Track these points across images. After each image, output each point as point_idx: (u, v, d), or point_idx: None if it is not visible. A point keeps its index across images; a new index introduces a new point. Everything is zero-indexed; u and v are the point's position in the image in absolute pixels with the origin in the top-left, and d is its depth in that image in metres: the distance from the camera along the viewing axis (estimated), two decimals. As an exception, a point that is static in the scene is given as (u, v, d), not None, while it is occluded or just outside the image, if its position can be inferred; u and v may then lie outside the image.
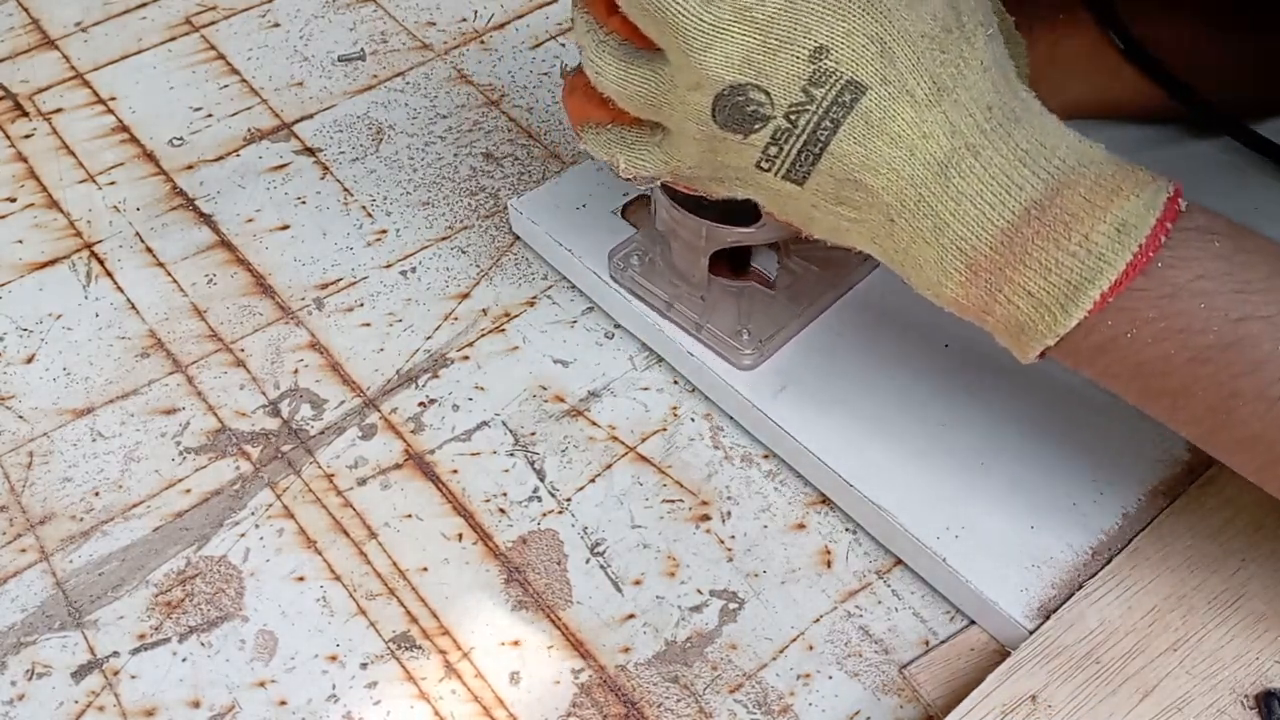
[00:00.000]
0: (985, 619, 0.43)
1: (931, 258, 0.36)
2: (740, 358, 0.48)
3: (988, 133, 0.34)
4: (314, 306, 0.54)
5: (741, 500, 0.47)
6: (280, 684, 0.43)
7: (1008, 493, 0.44)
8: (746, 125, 0.35)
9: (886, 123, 0.34)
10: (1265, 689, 0.39)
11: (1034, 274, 0.34)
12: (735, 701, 0.42)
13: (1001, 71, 0.35)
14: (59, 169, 0.61)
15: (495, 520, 0.47)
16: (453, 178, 0.60)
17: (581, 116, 0.41)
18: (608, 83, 0.38)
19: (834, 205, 0.36)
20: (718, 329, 0.48)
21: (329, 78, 0.66)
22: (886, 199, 0.35)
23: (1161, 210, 0.33)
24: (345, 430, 0.50)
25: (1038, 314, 0.34)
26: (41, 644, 0.44)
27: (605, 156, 0.41)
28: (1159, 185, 0.34)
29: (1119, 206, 0.33)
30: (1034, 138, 0.34)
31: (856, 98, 0.34)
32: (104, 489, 0.48)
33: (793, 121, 0.35)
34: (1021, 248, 0.34)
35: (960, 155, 0.34)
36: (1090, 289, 0.33)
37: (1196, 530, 0.43)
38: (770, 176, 0.37)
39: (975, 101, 0.35)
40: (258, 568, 0.46)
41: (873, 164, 0.35)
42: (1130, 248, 0.33)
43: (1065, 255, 0.33)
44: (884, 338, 0.49)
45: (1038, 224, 0.34)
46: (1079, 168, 0.34)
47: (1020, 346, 0.36)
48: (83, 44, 0.68)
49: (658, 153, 0.39)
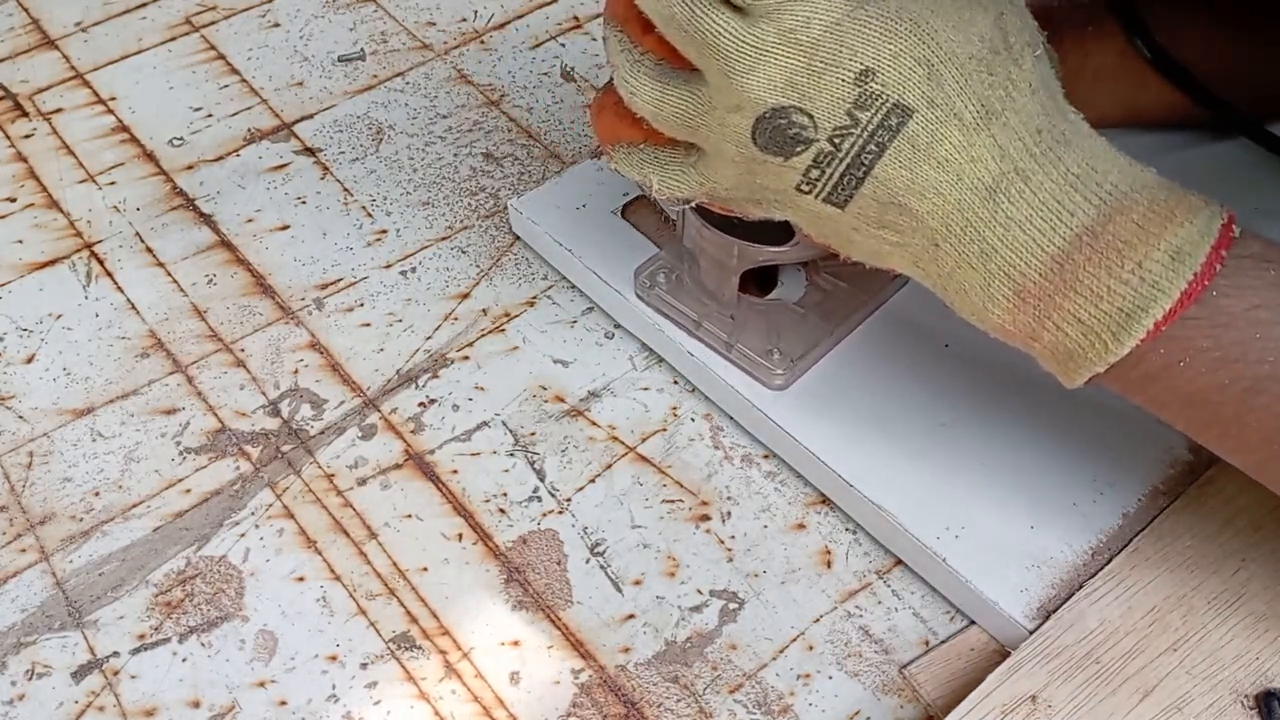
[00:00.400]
0: (985, 619, 0.43)
1: (978, 283, 0.35)
2: (772, 378, 0.47)
3: (1037, 157, 0.34)
4: (314, 306, 0.54)
5: (741, 500, 0.47)
6: (280, 684, 0.43)
7: (1008, 493, 0.44)
8: (788, 148, 0.35)
9: (934, 147, 0.34)
10: (1265, 689, 0.39)
11: (1085, 301, 0.34)
12: (735, 701, 0.42)
13: (1050, 93, 0.35)
14: (59, 169, 0.61)
15: (495, 520, 0.47)
16: (453, 178, 0.60)
17: (612, 136, 0.40)
18: (642, 103, 0.37)
19: (876, 229, 0.36)
20: (748, 349, 0.48)
21: (329, 78, 0.66)
22: (932, 224, 0.35)
23: (1216, 237, 0.33)
24: (345, 430, 0.50)
25: (1087, 341, 0.34)
26: (41, 644, 0.44)
27: (637, 177, 0.40)
28: (1212, 211, 0.33)
29: (1173, 233, 0.33)
30: (1084, 161, 0.34)
31: (903, 121, 0.34)
32: (104, 489, 0.48)
33: (836, 145, 0.34)
34: (1073, 274, 0.34)
35: (1009, 180, 0.34)
36: (1143, 317, 0.33)
37: (1196, 530, 0.43)
38: (811, 199, 0.36)
39: (1024, 125, 0.34)
40: (258, 568, 0.46)
41: (919, 188, 0.34)
42: (1185, 276, 0.33)
43: (1118, 283, 0.33)
44: (884, 338, 0.49)
45: (1089, 250, 0.33)
46: (1131, 193, 0.34)
47: (1068, 373, 0.35)
48: (83, 44, 0.68)
49: (693, 174, 0.39)
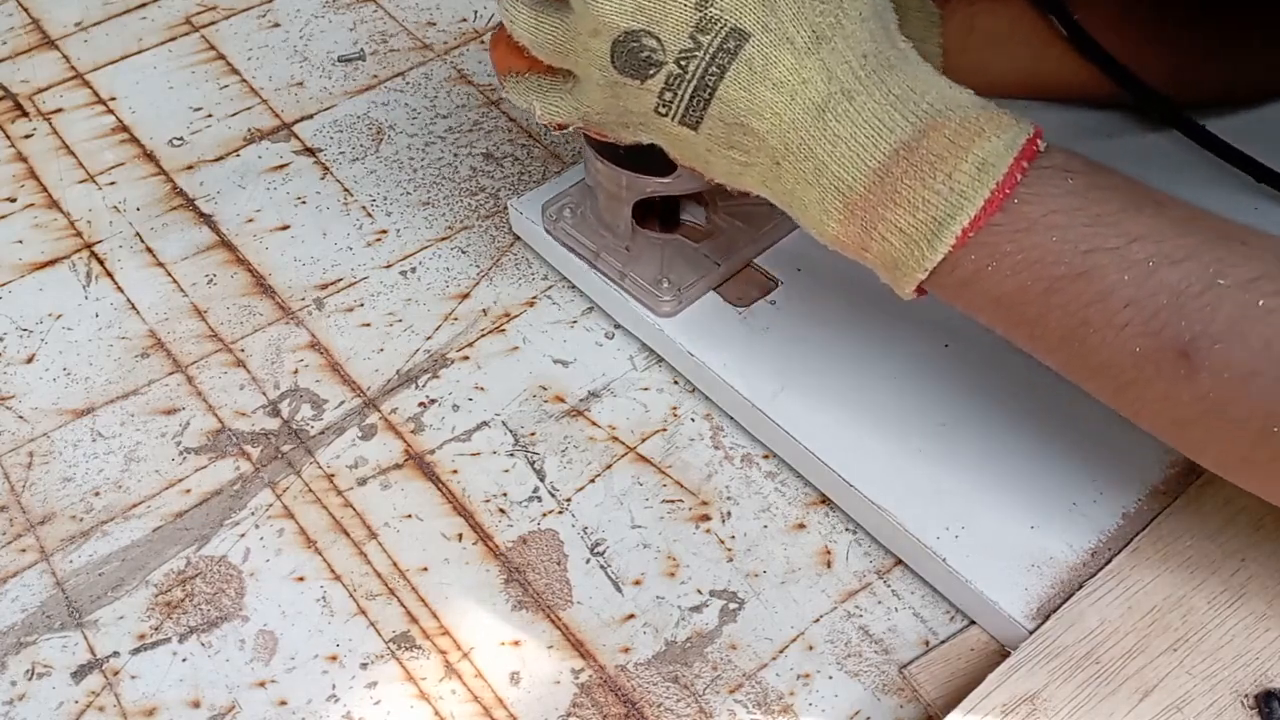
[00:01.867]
0: (985, 619, 0.43)
1: (814, 198, 0.38)
2: (660, 304, 0.50)
3: (862, 79, 0.36)
4: (314, 306, 0.54)
5: (741, 500, 0.47)
6: (280, 684, 0.43)
7: (1008, 493, 0.44)
8: (642, 71, 0.38)
9: (768, 69, 0.36)
10: (1265, 689, 0.39)
11: (904, 211, 0.36)
12: (735, 701, 0.42)
13: (880, 22, 0.38)
14: (59, 169, 0.61)
15: (495, 520, 0.47)
16: (453, 178, 0.60)
17: (504, 65, 0.44)
18: (520, 31, 0.41)
19: (726, 149, 0.39)
20: (640, 278, 0.50)
21: (329, 78, 0.66)
22: (772, 142, 0.37)
23: (1020, 150, 0.35)
24: (345, 430, 0.50)
25: (908, 249, 0.36)
26: (41, 644, 0.44)
27: (524, 103, 0.43)
28: (1020, 127, 0.36)
29: (980, 146, 0.35)
30: (905, 84, 0.36)
31: (740, 44, 0.37)
32: (104, 489, 0.48)
33: (683, 67, 0.37)
34: (892, 186, 0.36)
35: (836, 100, 0.36)
36: (953, 224, 0.35)
37: (1196, 530, 0.43)
38: (668, 121, 0.39)
39: (852, 49, 0.37)
40: (258, 568, 0.46)
41: (757, 109, 0.37)
42: (989, 185, 0.35)
43: (931, 193, 0.35)
44: (885, 338, 0.49)
45: (906, 164, 0.36)
46: (946, 111, 0.36)
47: (896, 281, 0.38)
48: (83, 44, 0.68)
49: (569, 99, 0.42)
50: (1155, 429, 0.37)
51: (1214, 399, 0.34)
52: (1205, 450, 0.37)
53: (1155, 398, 0.36)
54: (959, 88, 0.37)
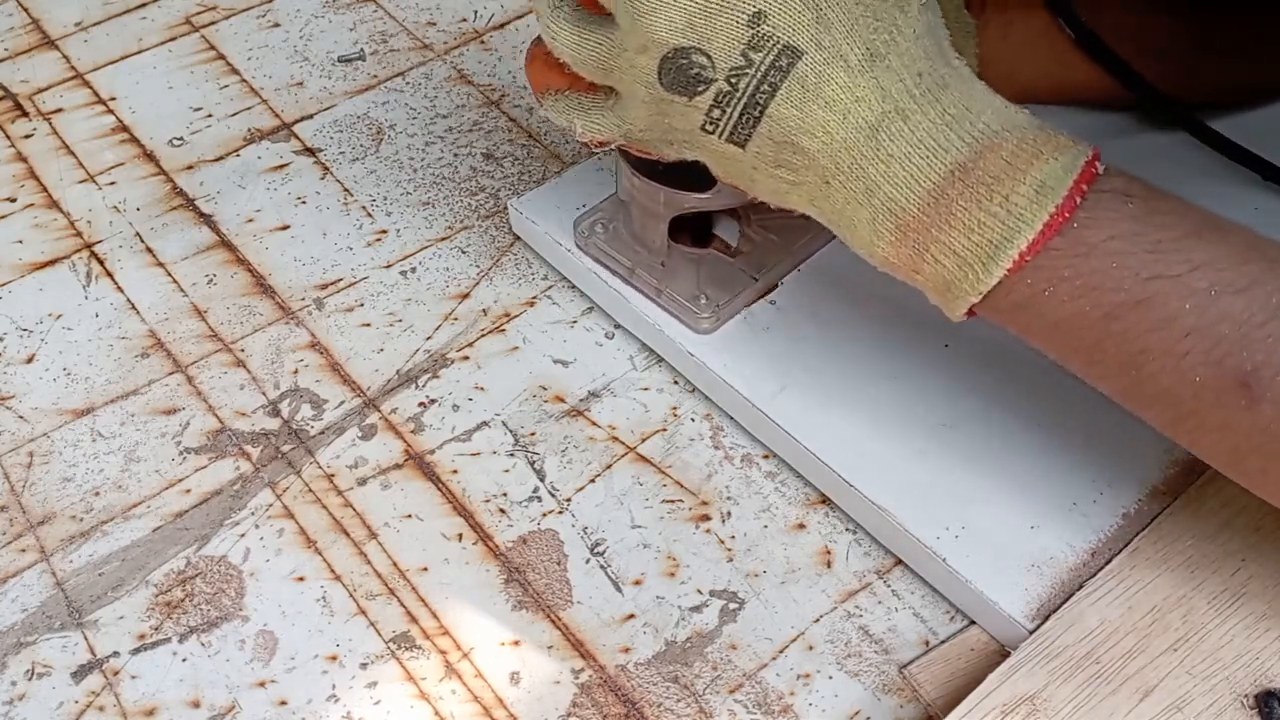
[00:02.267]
0: (985, 619, 0.43)
1: (865, 219, 0.37)
2: (698, 322, 0.49)
3: (916, 98, 0.36)
4: (314, 306, 0.54)
5: (741, 500, 0.47)
6: (280, 684, 0.43)
7: (1008, 493, 0.44)
8: (690, 88, 0.37)
9: (821, 87, 0.36)
10: (1265, 689, 0.39)
11: (958, 233, 0.35)
12: (735, 701, 0.42)
13: (934, 39, 0.37)
14: (59, 169, 0.61)
15: (495, 520, 0.47)
16: (453, 178, 0.60)
17: (542, 83, 0.43)
18: (562, 47, 0.40)
19: (774, 168, 0.38)
20: (677, 294, 0.50)
21: (329, 78, 0.66)
22: (822, 161, 0.37)
23: (1079, 172, 0.35)
24: (345, 430, 0.50)
25: (962, 272, 0.36)
26: (41, 644, 0.44)
27: (564, 121, 0.43)
28: (1078, 149, 0.35)
29: (1038, 169, 0.34)
30: (961, 103, 0.36)
31: (793, 62, 0.36)
32: (104, 489, 0.48)
33: (733, 85, 0.36)
34: (947, 208, 0.35)
35: (890, 119, 0.36)
36: (1009, 248, 0.34)
37: (1196, 530, 0.43)
38: (714, 139, 0.38)
39: (906, 68, 0.36)
40: (258, 568, 0.46)
41: (808, 127, 0.36)
42: (1048, 208, 0.34)
43: (987, 215, 0.35)
44: (885, 338, 0.49)
45: (961, 185, 0.35)
46: (1002, 132, 0.35)
47: (948, 304, 0.37)
48: (83, 44, 0.68)
49: (611, 116, 0.41)
50: (1213, 458, 0.37)
51: (1274, 430, 0.34)
52: (1265, 481, 0.36)
53: (1214, 427, 0.35)
54: (1014, 107, 0.36)
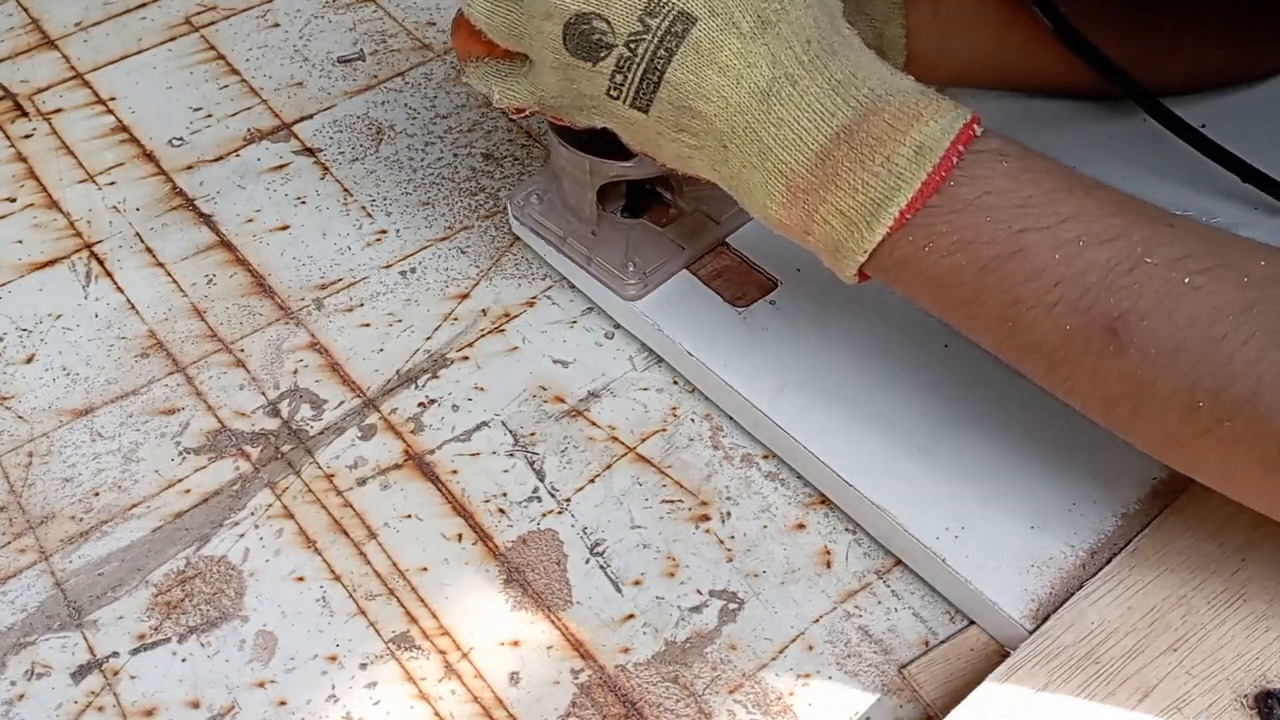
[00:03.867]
0: (985, 619, 0.43)
1: (758, 181, 0.38)
2: (625, 288, 0.51)
3: (805, 64, 0.37)
4: (314, 306, 0.54)
5: (741, 500, 0.47)
6: (280, 684, 0.43)
7: (1008, 493, 0.44)
8: (593, 53, 0.39)
9: (715, 53, 0.37)
10: (1265, 689, 0.39)
11: (844, 194, 0.37)
12: (735, 701, 0.42)
13: (824, 9, 0.39)
14: (59, 169, 0.61)
15: (495, 520, 0.47)
16: (453, 178, 0.60)
17: (465, 51, 0.45)
18: (477, 14, 0.42)
19: (676, 133, 0.39)
20: (606, 262, 0.51)
21: (329, 78, 0.66)
22: (719, 126, 0.38)
23: (956, 134, 0.36)
24: (345, 430, 0.50)
25: (849, 232, 0.37)
26: (41, 644, 0.44)
27: (483, 88, 0.44)
28: (957, 113, 0.36)
29: (918, 131, 0.36)
30: (848, 70, 0.37)
31: (687, 28, 0.37)
32: (104, 489, 0.48)
33: (633, 50, 0.38)
34: (833, 169, 0.37)
35: (780, 84, 0.37)
36: (890, 205, 0.36)
37: (1196, 530, 0.43)
38: (620, 104, 0.40)
39: (796, 35, 0.37)
40: (257, 568, 0.46)
41: (704, 92, 0.38)
42: (925, 167, 0.36)
43: (870, 175, 0.36)
44: (885, 337, 0.49)
45: (846, 147, 0.36)
46: (886, 96, 0.37)
47: (839, 265, 0.39)
48: (83, 44, 0.68)
49: (525, 83, 0.43)
50: (1086, 407, 0.38)
51: (1141, 375, 0.35)
52: (1134, 427, 0.37)
53: (1085, 375, 0.36)
54: (900, 74, 0.38)
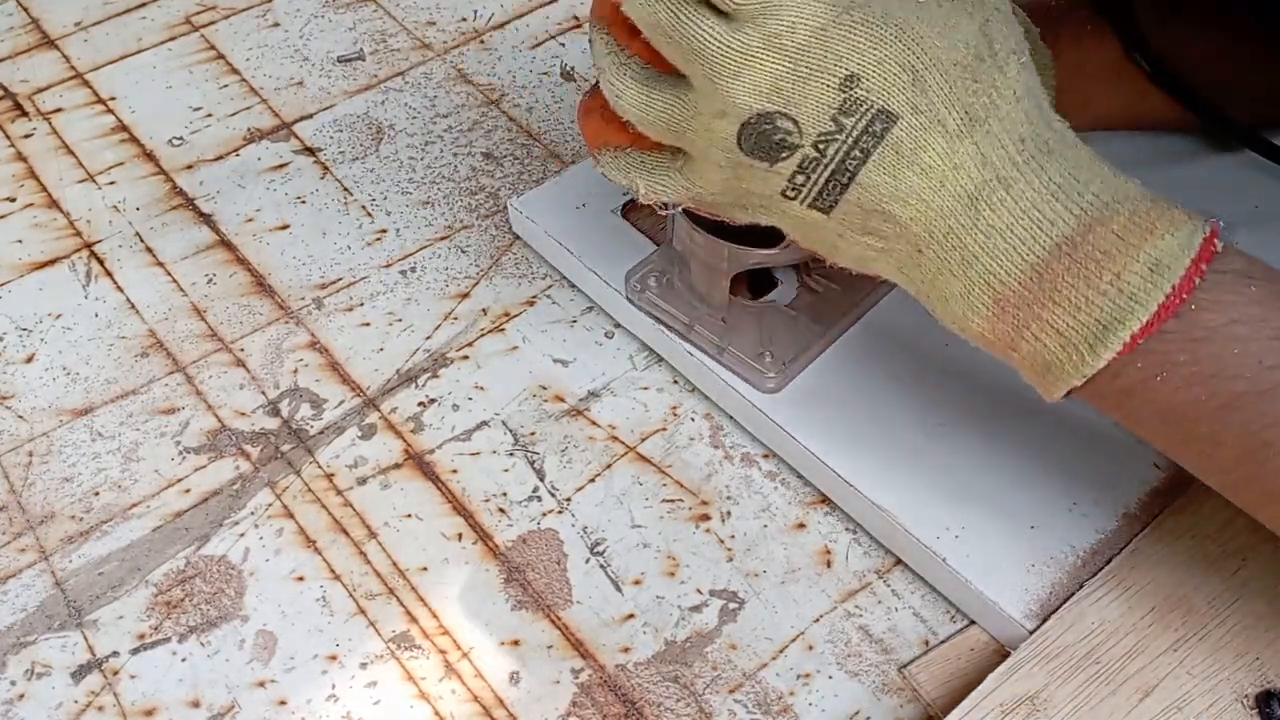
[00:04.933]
0: (985, 619, 0.43)
1: (958, 291, 0.35)
2: (763, 380, 0.47)
3: (1019, 165, 0.34)
4: (314, 306, 0.54)
5: (741, 500, 0.47)
6: (280, 684, 0.43)
7: (1008, 493, 0.44)
8: (774, 154, 0.35)
9: (917, 153, 0.34)
10: (1265, 689, 0.39)
11: (1063, 312, 0.33)
12: (735, 701, 0.42)
13: (1035, 101, 0.35)
14: (59, 169, 0.61)
15: (495, 520, 0.47)
16: (453, 178, 0.60)
17: (599, 140, 0.40)
18: (629, 107, 0.37)
19: (861, 235, 0.36)
20: (740, 352, 0.47)
21: (329, 78, 0.66)
22: (915, 230, 0.35)
23: (1197, 251, 0.33)
24: (345, 430, 0.50)
25: (1065, 353, 0.34)
26: (41, 644, 0.44)
27: (624, 181, 0.40)
28: (1195, 225, 0.33)
29: (1153, 245, 0.32)
30: (1067, 171, 0.34)
31: (888, 127, 0.33)
32: (104, 489, 0.48)
33: (821, 151, 0.34)
34: (1051, 284, 0.33)
35: (991, 188, 0.34)
36: (1121, 330, 0.33)
37: (1196, 530, 0.43)
38: (796, 205, 0.36)
39: (1008, 133, 0.34)
40: (257, 568, 0.46)
41: (902, 195, 0.34)
42: (1163, 288, 0.32)
43: (1096, 294, 0.33)
44: (884, 338, 0.49)
45: (1069, 260, 0.33)
46: (1113, 204, 0.33)
47: (1046, 385, 0.35)
48: (83, 44, 0.68)
49: (679, 178, 0.38)
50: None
51: None
52: None
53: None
54: (1124, 176, 0.34)
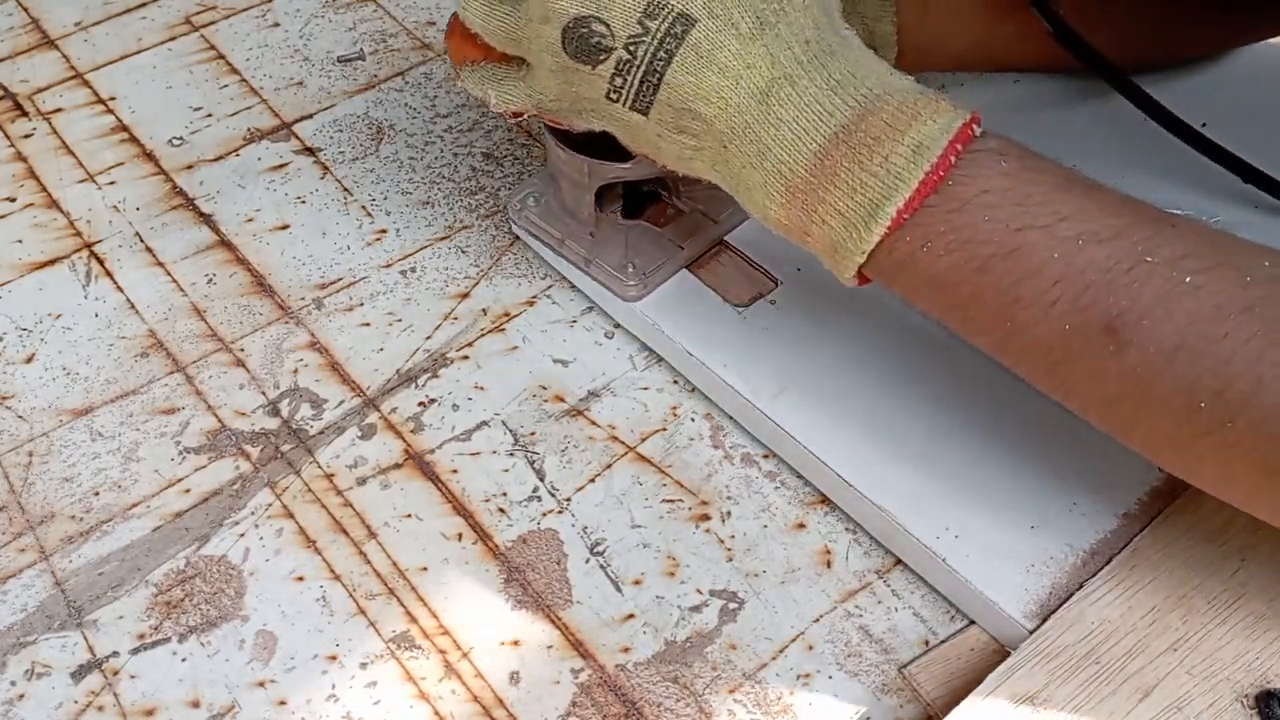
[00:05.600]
0: (985, 619, 0.43)
1: (758, 182, 0.38)
2: (625, 290, 0.50)
3: (804, 64, 0.37)
4: (314, 306, 0.54)
5: (741, 500, 0.47)
6: (280, 684, 0.43)
7: (1008, 493, 0.44)
8: (592, 56, 0.39)
9: (714, 54, 0.38)
10: (1265, 689, 0.39)
11: (842, 194, 0.37)
12: (735, 701, 0.42)
13: (823, 9, 0.39)
14: (59, 169, 0.61)
15: (495, 520, 0.47)
16: (453, 177, 0.60)
17: (459, 56, 0.45)
18: (473, 18, 0.42)
19: (676, 134, 0.40)
20: (606, 264, 0.51)
21: (329, 78, 0.66)
22: (719, 127, 0.39)
23: (955, 133, 0.36)
24: (345, 430, 0.50)
25: (847, 233, 0.37)
26: (41, 644, 0.44)
27: (479, 93, 0.44)
28: (956, 113, 0.37)
29: (916, 130, 0.36)
30: (847, 70, 0.38)
31: (687, 29, 0.38)
32: (104, 489, 0.48)
33: (632, 52, 0.38)
34: (831, 169, 0.37)
35: (779, 85, 0.37)
36: (888, 205, 0.36)
37: (1196, 530, 0.43)
38: (619, 107, 0.40)
39: (794, 36, 0.38)
40: (257, 568, 0.46)
41: (704, 93, 0.38)
42: (923, 166, 0.36)
43: (868, 175, 0.36)
44: (885, 337, 0.49)
45: (845, 147, 0.37)
46: (884, 95, 0.37)
47: (838, 266, 0.39)
48: (83, 44, 0.68)
49: (522, 87, 0.43)
50: (1085, 410, 0.38)
51: (1140, 375, 0.35)
52: (1133, 430, 0.37)
53: (1084, 375, 0.36)
54: (899, 74, 0.38)
